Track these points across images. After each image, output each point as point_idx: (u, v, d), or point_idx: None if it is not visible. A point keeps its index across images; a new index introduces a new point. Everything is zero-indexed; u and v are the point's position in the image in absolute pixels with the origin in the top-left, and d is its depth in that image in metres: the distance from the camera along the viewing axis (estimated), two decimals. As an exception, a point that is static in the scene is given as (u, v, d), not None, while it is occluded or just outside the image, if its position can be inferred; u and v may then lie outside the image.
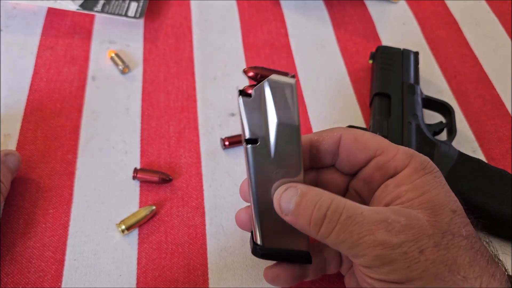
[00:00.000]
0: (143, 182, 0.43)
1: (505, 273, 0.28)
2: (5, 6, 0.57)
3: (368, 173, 0.31)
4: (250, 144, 0.29)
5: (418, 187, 0.28)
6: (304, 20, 0.59)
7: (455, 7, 0.62)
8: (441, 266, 0.26)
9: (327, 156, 0.32)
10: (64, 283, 0.37)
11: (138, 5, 0.56)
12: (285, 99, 0.28)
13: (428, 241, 0.26)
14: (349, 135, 0.31)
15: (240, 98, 0.28)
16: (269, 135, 0.29)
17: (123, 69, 0.51)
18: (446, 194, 0.28)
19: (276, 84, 0.28)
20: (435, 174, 0.29)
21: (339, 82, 0.53)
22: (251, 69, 0.29)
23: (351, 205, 0.27)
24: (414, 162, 0.29)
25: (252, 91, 0.28)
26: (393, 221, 0.26)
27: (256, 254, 0.32)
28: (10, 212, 0.40)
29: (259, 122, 0.28)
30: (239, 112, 0.28)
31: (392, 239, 0.26)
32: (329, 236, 0.27)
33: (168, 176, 0.43)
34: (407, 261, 0.26)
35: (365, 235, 0.26)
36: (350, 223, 0.26)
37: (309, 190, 0.29)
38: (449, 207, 0.28)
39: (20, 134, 0.46)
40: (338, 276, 0.37)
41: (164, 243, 0.40)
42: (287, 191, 0.29)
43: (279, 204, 0.29)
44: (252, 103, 0.28)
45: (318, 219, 0.27)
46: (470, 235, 0.28)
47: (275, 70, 0.29)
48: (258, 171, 0.29)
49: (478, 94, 0.53)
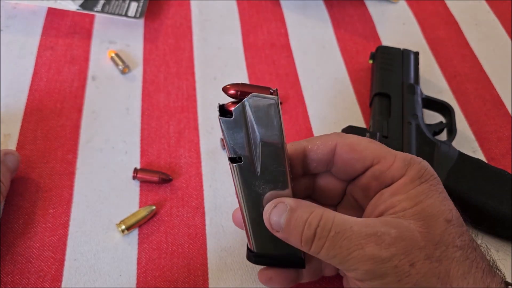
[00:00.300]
0: (143, 182, 0.43)
1: (502, 282, 0.27)
2: (5, 6, 0.57)
3: (365, 182, 0.31)
4: (234, 163, 0.28)
5: (413, 197, 0.28)
6: (304, 20, 0.59)
7: (455, 7, 0.62)
8: (433, 279, 0.26)
9: (321, 165, 0.32)
10: (64, 283, 0.37)
11: (138, 5, 0.56)
12: (267, 117, 0.27)
13: (420, 253, 0.26)
14: (344, 144, 0.31)
15: (220, 118, 0.27)
16: (254, 153, 0.28)
17: (123, 69, 0.51)
18: (441, 203, 0.28)
19: (257, 102, 0.27)
20: (431, 183, 0.29)
21: (339, 82, 0.53)
22: (231, 87, 0.27)
23: (340, 219, 0.27)
24: (411, 171, 0.29)
25: (232, 110, 0.27)
26: (382, 234, 0.26)
27: (250, 260, 0.33)
28: (10, 212, 0.40)
29: (242, 141, 0.28)
30: (221, 132, 0.28)
31: (381, 253, 0.25)
32: (320, 252, 0.27)
33: (168, 176, 0.43)
34: (398, 275, 0.25)
35: (355, 250, 0.26)
36: (339, 239, 0.26)
37: (298, 206, 0.28)
38: (443, 217, 0.27)
39: (20, 134, 0.46)
40: (338, 277, 0.37)
41: (164, 243, 0.40)
42: (276, 208, 0.29)
43: (269, 222, 0.29)
44: (233, 123, 0.27)
45: (309, 237, 0.27)
46: (466, 245, 0.27)
47: (256, 86, 0.27)
48: (245, 187, 0.29)
49: (478, 94, 0.53)
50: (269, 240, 0.31)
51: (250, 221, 0.31)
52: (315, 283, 0.38)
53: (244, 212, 0.30)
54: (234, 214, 0.34)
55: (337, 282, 0.38)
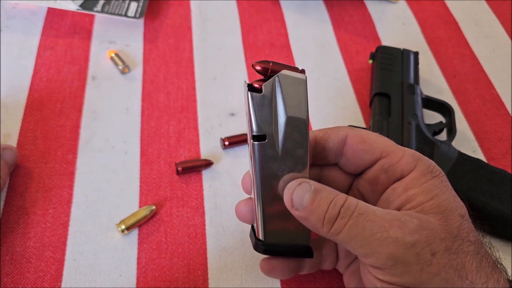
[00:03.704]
0: (185, 172, 0.44)
1: (507, 279, 0.28)
2: (5, 6, 0.57)
3: (374, 174, 0.31)
4: (257, 141, 0.28)
5: (428, 191, 0.28)
6: (304, 20, 0.59)
7: (455, 7, 0.62)
8: (451, 270, 0.26)
9: (331, 155, 0.32)
10: (64, 283, 0.37)
11: (138, 5, 0.56)
12: (295, 94, 0.28)
13: (440, 244, 0.26)
14: (355, 135, 0.31)
15: (249, 93, 0.27)
16: (278, 131, 0.28)
17: (123, 69, 0.51)
18: (454, 199, 0.28)
19: (287, 79, 0.27)
20: (442, 178, 0.29)
21: (339, 82, 0.53)
22: (259, 63, 0.28)
23: (364, 204, 0.27)
24: (421, 166, 0.29)
25: (262, 86, 0.27)
26: (406, 221, 0.26)
27: (258, 250, 0.32)
28: (10, 212, 0.40)
29: (268, 118, 0.28)
30: (247, 108, 0.28)
31: (405, 237, 0.25)
32: (341, 232, 0.27)
33: (209, 160, 0.44)
34: (420, 264, 0.25)
35: (378, 231, 0.26)
36: (362, 219, 0.26)
37: (322, 188, 0.28)
38: (458, 212, 0.28)
39: (20, 134, 0.46)
40: (339, 275, 0.37)
41: (164, 243, 0.40)
42: (300, 185, 0.29)
43: (290, 198, 0.29)
44: (261, 99, 0.27)
45: (333, 216, 0.27)
46: (477, 241, 0.28)
47: (284, 65, 0.28)
48: (264, 168, 0.29)
49: (478, 94, 0.53)
50: (279, 228, 0.31)
51: (262, 206, 0.30)
52: (315, 282, 0.38)
53: (258, 194, 0.30)
54: (237, 207, 0.34)
55: (338, 282, 0.38)
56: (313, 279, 0.38)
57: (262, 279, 0.38)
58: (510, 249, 0.40)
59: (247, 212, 0.33)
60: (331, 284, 0.38)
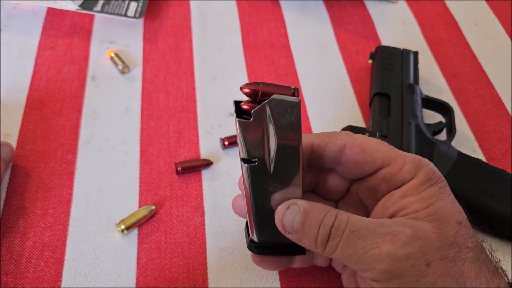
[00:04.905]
0: (185, 172, 0.44)
1: (508, 284, 0.28)
2: (5, 6, 0.57)
3: (374, 183, 0.31)
4: (247, 164, 0.27)
5: (424, 199, 0.28)
6: (304, 20, 0.59)
7: (455, 7, 0.62)
8: (448, 279, 0.26)
9: (328, 162, 0.31)
10: (64, 283, 0.37)
11: (137, 5, 0.56)
12: (287, 119, 0.26)
13: (435, 253, 0.26)
14: (354, 145, 0.30)
15: (237, 120, 0.25)
16: (269, 155, 0.27)
17: (122, 69, 0.51)
18: (452, 205, 0.28)
19: (279, 104, 0.25)
20: (440, 185, 0.29)
21: (339, 82, 0.53)
22: (248, 86, 0.26)
23: (354, 219, 0.27)
24: (421, 173, 0.29)
25: (252, 113, 0.25)
26: (398, 233, 0.26)
27: (251, 250, 0.33)
28: (10, 212, 0.40)
29: (258, 143, 0.27)
30: (236, 132, 0.26)
31: (398, 251, 0.25)
32: (335, 252, 0.27)
33: (209, 160, 0.44)
34: (415, 275, 0.25)
35: (370, 248, 0.26)
36: (354, 238, 0.26)
37: (312, 208, 0.28)
38: (455, 218, 0.27)
39: (20, 134, 0.46)
40: (338, 275, 0.37)
41: (164, 243, 0.40)
42: (289, 209, 0.29)
43: (281, 223, 0.29)
44: (251, 125, 0.26)
45: (324, 238, 0.27)
46: (476, 247, 0.27)
47: (276, 85, 0.26)
48: (256, 185, 0.29)
49: (478, 94, 0.53)
50: (272, 230, 0.31)
51: (255, 215, 0.30)
52: (315, 282, 0.38)
53: (250, 206, 0.30)
54: (234, 202, 0.34)
55: (337, 282, 0.38)
56: (313, 279, 0.38)
57: (261, 279, 0.38)
58: (510, 249, 0.40)
59: (243, 207, 0.33)
60: (331, 284, 0.38)
